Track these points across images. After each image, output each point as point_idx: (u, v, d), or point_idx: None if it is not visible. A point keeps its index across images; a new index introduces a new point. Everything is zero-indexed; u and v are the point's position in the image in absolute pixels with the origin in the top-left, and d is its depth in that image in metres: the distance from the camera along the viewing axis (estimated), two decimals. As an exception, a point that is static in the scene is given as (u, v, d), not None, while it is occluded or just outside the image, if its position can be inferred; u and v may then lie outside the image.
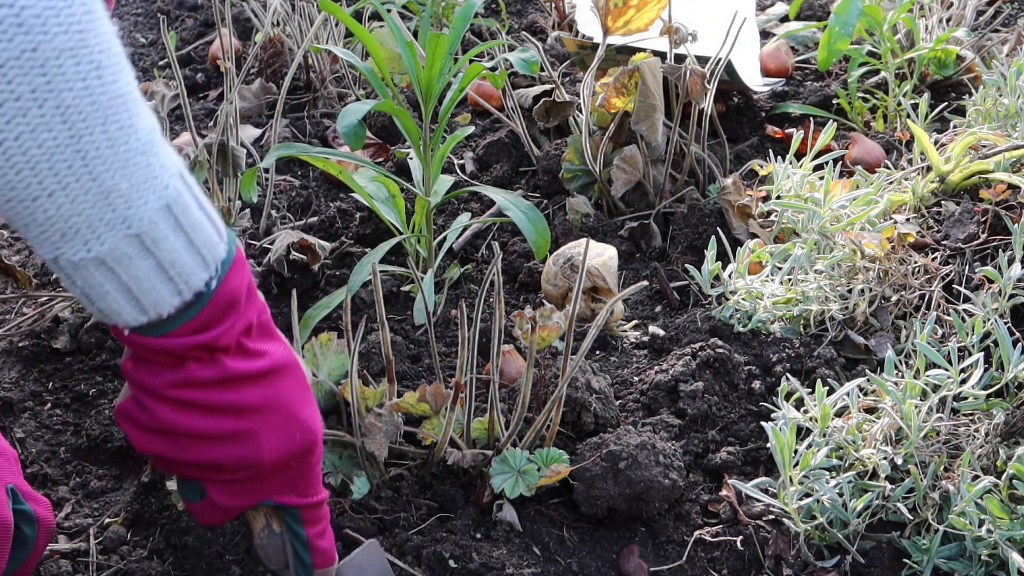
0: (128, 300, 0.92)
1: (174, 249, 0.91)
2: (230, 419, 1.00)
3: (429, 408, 1.35)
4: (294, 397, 1.04)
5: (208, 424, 1.00)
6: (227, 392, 0.99)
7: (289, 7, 2.39)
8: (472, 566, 1.29)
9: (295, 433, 1.04)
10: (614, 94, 1.92)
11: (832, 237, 1.68)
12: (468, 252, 1.94)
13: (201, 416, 0.99)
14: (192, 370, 0.97)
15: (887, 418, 1.37)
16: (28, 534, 1.19)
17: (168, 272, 0.92)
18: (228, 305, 0.97)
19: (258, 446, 1.02)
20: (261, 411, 1.02)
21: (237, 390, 1.00)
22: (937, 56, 2.25)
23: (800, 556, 1.34)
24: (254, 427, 1.01)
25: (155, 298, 0.92)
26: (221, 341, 0.97)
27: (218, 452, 1.02)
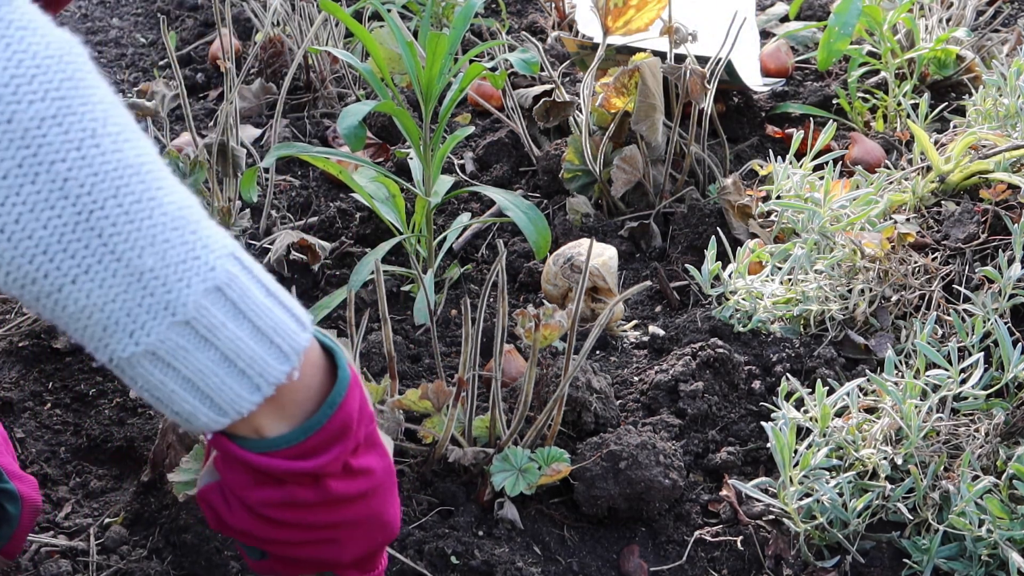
0: (198, 398, 0.83)
1: (236, 338, 0.82)
2: (323, 532, 0.94)
3: (431, 405, 1.35)
4: (385, 503, 0.97)
5: (299, 536, 0.93)
6: (326, 513, 0.92)
7: (289, 7, 2.39)
8: (474, 563, 1.29)
9: (378, 535, 0.98)
10: (614, 94, 1.92)
11: (832, 237, 1.68)
12: (468, 252, 1.94)
13: (293, 531, 0.93)
14: (294, 492, 0.90)
15: (887, 418, 1.37)
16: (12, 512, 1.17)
17: (236, 364, 0.83)
18: (341, 431, 0.89)
19: (341, 550, 0.97)
20: (354, 526, 0.95)
21: (335, 511, 0.93)
22: (937, 56, 2.25)
23: (800, 556, 1.34)
24: (343, 537, 0.96)
25: (229, 395, 0.84)
26: (329, 468, 0.89)
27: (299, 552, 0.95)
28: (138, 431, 1.55)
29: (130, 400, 1.61)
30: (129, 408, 1.60)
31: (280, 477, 0.89)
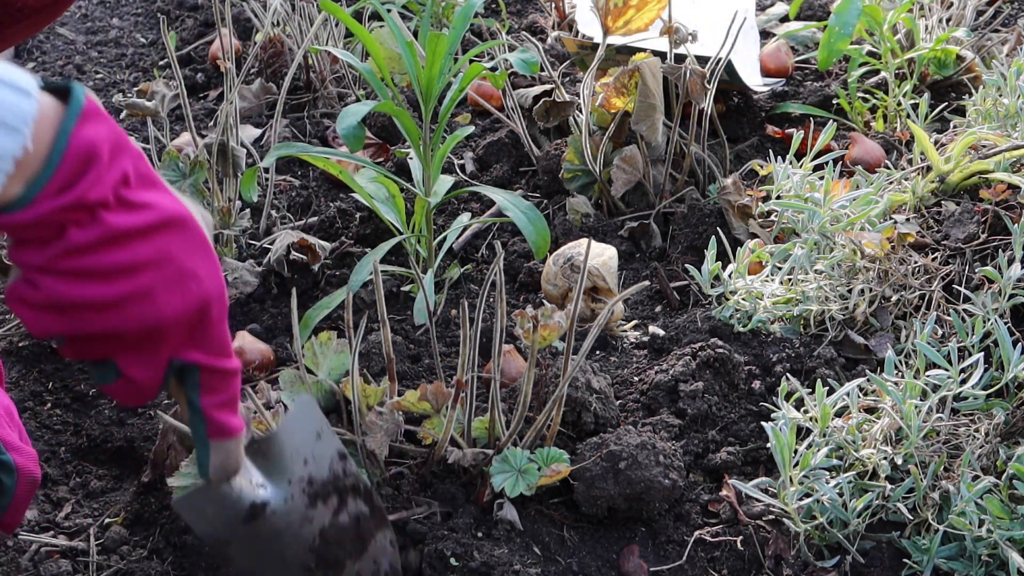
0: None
1: None
2: (123, 280, 0.96)
3: (430, 407, 1.35)
4: (186, 250, 0.99)
5: (102, 290, 0.95)
6: (115, 252, 0.95)
7: (289, 7, 2.39)
8: (473, 564, 1.29)
9: (191, 285, 0.99)
10: (614, 94, 1.92)
11: (832, 237, 1.68)
12: (468, 252, 1.94)
13: (94, 283, 0.95)
14: (74, 236, 0.93)
15: (887, 418, 1.37)
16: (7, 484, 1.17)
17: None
18: (87, 157, 0.91)
19: (155, 304, 0.97)
20: (153, 266, 0.97)
21: (125, 247, 0.95)
22: (937, 56, 2.25)
23: (800, 556, 1.34)
24: (149, 285, 0.97)
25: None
26: (91, 195, 0.92)
27: (117, 318, 0.97)
28: (138, 431, 1.55)
29: (130, 400, 1.61)
30: (129, 408, 1.60)
31: (54, 223, 0.92)
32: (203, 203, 1.78)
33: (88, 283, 0.95)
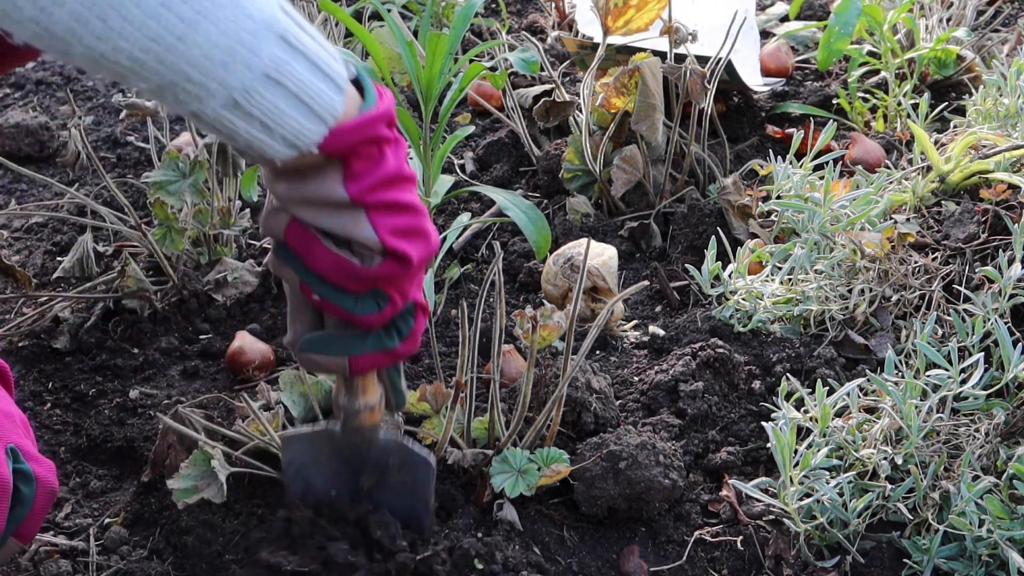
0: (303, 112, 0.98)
1: (313, 48, 0.97)
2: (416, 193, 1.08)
3: (429, 407, 1.35)
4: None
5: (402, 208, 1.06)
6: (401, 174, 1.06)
7: (289, 7, 2.39)
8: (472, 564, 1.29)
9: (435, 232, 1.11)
10: (614, 94, 1.92)
11: (832, 237, 1.68)
12: (468, 252, 1.94)
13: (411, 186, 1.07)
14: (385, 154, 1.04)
15: (887, 418, 1.37)
16: (26, 494, 1.18)
17: (321, 69, 0.98)
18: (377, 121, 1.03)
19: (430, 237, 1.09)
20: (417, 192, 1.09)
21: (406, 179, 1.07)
22: (937, 56, 2.25)
23: (800, 556, 1.34)
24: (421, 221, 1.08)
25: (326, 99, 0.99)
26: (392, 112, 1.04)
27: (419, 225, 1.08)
28: (138, 431, 1.55)
29: (130, 400, 1.61)
30: (129, 408, 1.60)
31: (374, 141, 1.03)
32: (203, 203, 1.78)
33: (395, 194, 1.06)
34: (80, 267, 1.84)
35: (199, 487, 1.35)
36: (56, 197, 2.11)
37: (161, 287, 1.81)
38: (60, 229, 2.05)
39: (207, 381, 1.66)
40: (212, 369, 1.70)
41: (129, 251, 1.87)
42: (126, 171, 2.21)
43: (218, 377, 1.68)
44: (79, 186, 2.15)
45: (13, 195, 2.16)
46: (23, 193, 2.17)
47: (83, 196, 1.87)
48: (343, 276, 1.06)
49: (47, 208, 2.07)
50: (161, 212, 1.73)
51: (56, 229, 2.05)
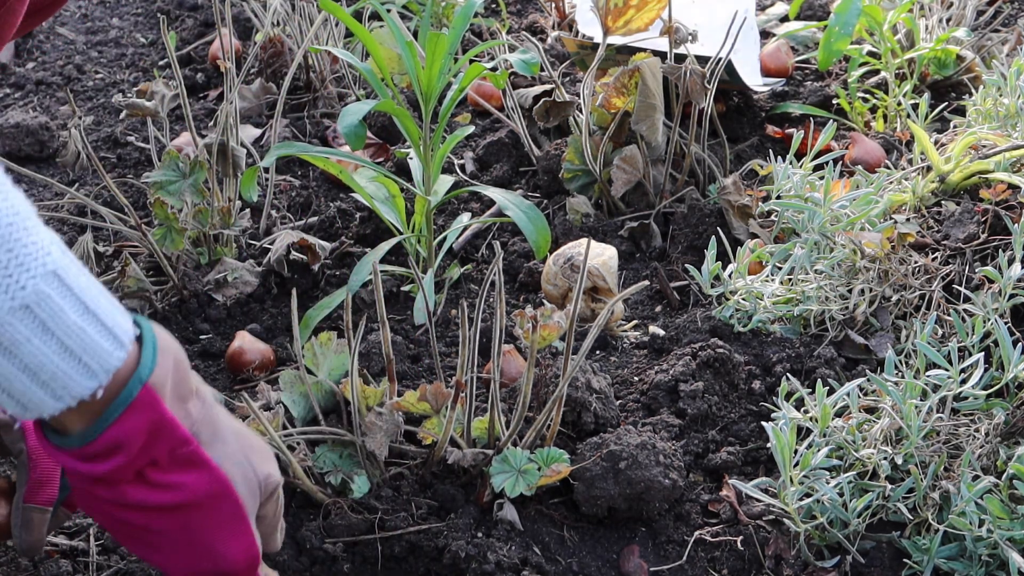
0: (14, 397, 0.89)
1: (40, 353, 0.86)
2: (143, 534, 1.00)
3: (429, 407, 1.35)
4: (210, 528, 1.00)
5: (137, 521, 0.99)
6: (134, 514, 0.98)
7: (289, 7, 2.39)
8: (473, 565, 1.29)
9: (204, 562, 1.01)
10: (614, 94, 1.92)
11: (832, 237, 1.68)
12: (468, 252, 1.94)
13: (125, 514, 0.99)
14: (91, 490, 0.97)
15: (887, 418, 1.37)
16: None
17: (39, 376, 0.88)
18: (113, 448, 0.93)
19: (165, 558, 1.02)
20: (166, 537, 0.99)
21: (143, 514, 0.98)
22: (937, 56, 2.25)
23: (800, 556, 1.34)
24: (160, 544, 1.00)
25: (33, 399, 0.89)
26: (114, 476, 0.94)
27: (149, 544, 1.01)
28: (138, 431, 1.55)
29: (130, 400, 1.61)
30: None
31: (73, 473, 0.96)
32: (203, 203, 1.78)
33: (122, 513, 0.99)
34: (80, 267, 1.83)
35: (199, 487, 1.35)
36: (56, 197, 2.11)
37: (161, 287, 1.81)
38: (60, 229, 2.05)
39: (207, 381, 1.66)
40: (212, 369, 1.70)
41: (129, 251, 1.87)
42: (126, 171, 2.21)
43: (218, 377, 1.68)
44: (79, 186, 2.15)
45: (13, 195, 2.16)
46: (23, 193, 2.17)
47: (83, 196, 1.87)
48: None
49: (47, 208, 2.07)
50: (161, 212, 1.73)
51: (56, 229, 2.05)
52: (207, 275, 1.82)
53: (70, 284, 0.88)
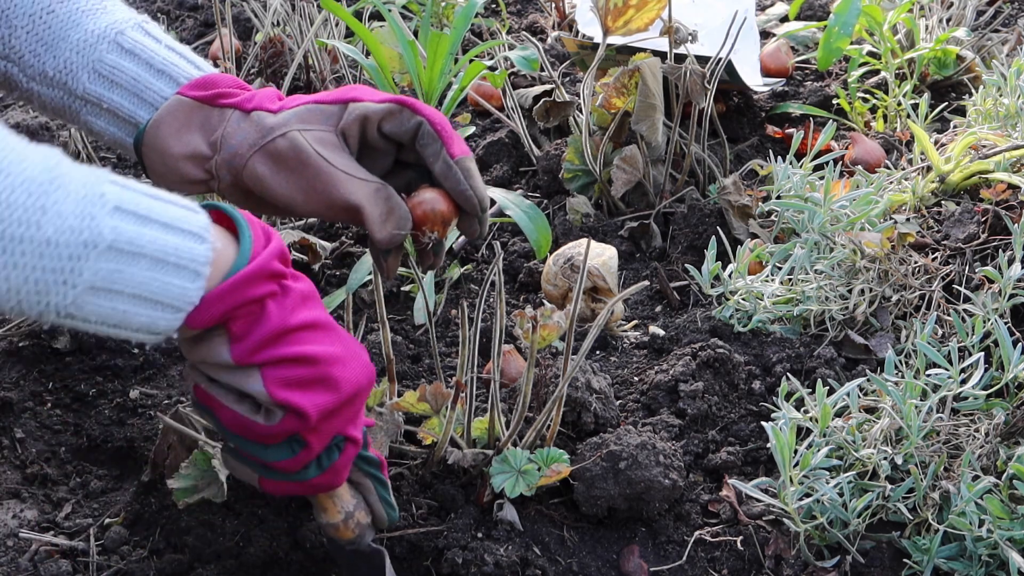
0: (148, 307, 0.93)
1: (155, 239, 0.91)
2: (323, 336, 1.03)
3: (429, 407, 1.35)
4: (352, 348, 1.07)
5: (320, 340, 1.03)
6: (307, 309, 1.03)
7: (289, 7, 2.39)
8: (473, 565, 1.29)
9: (364, 367, 1.06)
10: (614, 94, 1.92)
11: (832, 237, 1.68)
12: (468, 252, 1.94)
13: (310, 337, 1.02)
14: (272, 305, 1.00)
15: (887, 418, 1.37)
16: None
17: (168, 261, 0.92)
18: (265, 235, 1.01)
19: (358, 367, 1.05)
20: (334, 331, 1.05)
21: (307, 306, 1.03)
22: (937, 56, 2.25)
23: (800, 556, 1.34)
24: (347, 348, 1.05)
25: (176, 290, 0.94)
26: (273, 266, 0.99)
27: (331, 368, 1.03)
28: (138, 431, 1.55)
29: (130, 400, 1.61)
30: (129, 408, 1.60)
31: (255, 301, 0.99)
32: (203, 203, 1.78)
33: (307, 337, 1.02)
34: (80, 267, 1.84)
35: (199, 487, 1.35)
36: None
37: (161, 287, 1.81)
38: (60, 229, 2.05)
39: (207, 381, 1.66)
40: (212, 369, 1.70)
41: (129, 251, 1.87)
42: (126, 172, 2.21)
43: (218, 377, 1.68)
44: (79, 186, 2.15)
45: (13, 195, 2.16)
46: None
47: (83, 196, 1.87)
48: (246, 432, 1.04)
49: (47, 208, 2.07)
50: (161, 212, 1.73)
51: (56, 229, 2.05)
52: (207, 275, 1.82)
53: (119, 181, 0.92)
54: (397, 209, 1.11)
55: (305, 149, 1.10)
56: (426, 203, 1.12)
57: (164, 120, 1.13)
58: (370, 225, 1.10)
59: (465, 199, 1.12)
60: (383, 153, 1.16)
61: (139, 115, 1.14)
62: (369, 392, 1.08)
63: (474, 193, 1.12)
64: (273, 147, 1.11)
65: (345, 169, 1.11)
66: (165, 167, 1.14)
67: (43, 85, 1.15)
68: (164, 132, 1.13)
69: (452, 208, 1.13)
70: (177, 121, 1.13)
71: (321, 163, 1.10)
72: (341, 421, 1.06)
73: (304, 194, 1.11)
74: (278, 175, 1.11)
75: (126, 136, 1.16)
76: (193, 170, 1.14)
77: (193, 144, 1.13)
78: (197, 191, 1.17)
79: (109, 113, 1.15)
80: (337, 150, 1.12)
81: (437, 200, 1.12)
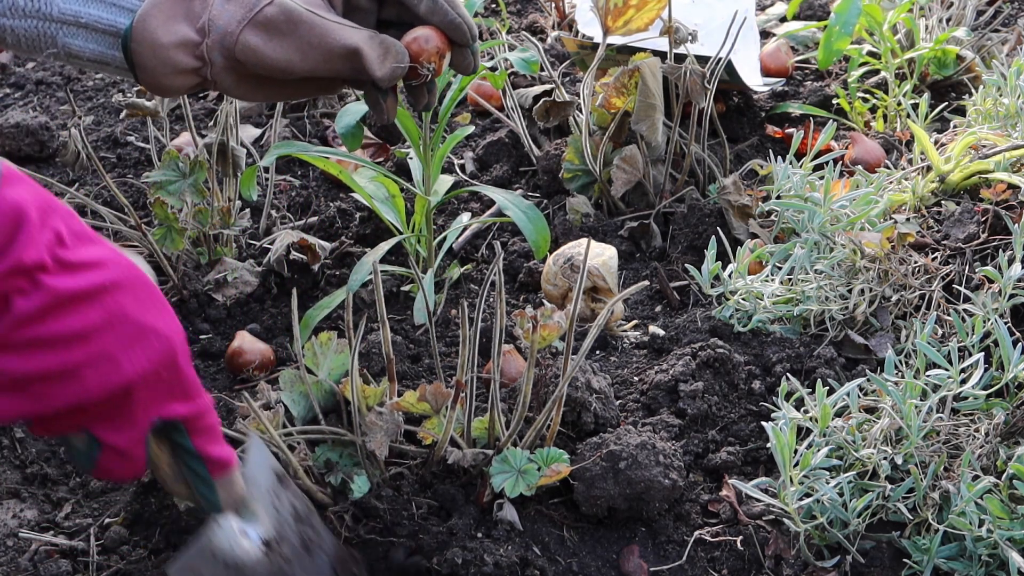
0: None
1: None
2: (80, 346, 0.95)
3: (429, 407, 1.35)
4: (139, 304, 0.98)
5: (57, 359, 0.94)
6: (65, 317, 0.94)
7: (289, 7, 2.39)
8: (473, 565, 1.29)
9: (154, 342, 0.99)
10: (614, 94, 1.92)
11: (832, 237, 1.68)
12: (468, 252, 1.94)
13: (47, 353, 0.94)
14: (19, 305, 0.92)
15: (887, 418, 1.37)
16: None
17: None
18: (15, 219, 0.90)
19: (118, 366, 0.97)
20: (108, 327, 0.96)
21: (75, 311, 0.94)
22: (937, 56, 2.25)
23: (800, 556, 1.34)
24: (107, 347, 0.96)
25: None
26: (27, 257, 0.91)
27: (81, 386, 0.96)
28: (138, 431, 1.55)
29: (130, 400, 1.61)
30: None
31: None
32: (203, 203, 1.78)
33: (44, 353, 0.94)
34: (80, 267, 1.84)
35: (199, 487, 1.35)
36: (56, 197, 2.11)
37: (161, 287, 1.81)
38: (60, 229, 2.05)
39: (207, 381, 1.66)
40: (212, 369, 1.70)
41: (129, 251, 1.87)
42: (126, 171, 2.21)
43: (218, 377, 1.68)
44: (79, 186, 2.15)
45: (13, 195, 2.16)
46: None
47: (83, 196, 1.87)
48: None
49: (47, 208, 2.07)
50: (161, 212, 1.73)
51: (56, 229, 2.05)
52: (207, 275, 1.82)
53: None
54: (393, 46, 1.15)
55: (295, 10, 1.14)
56: (420, 38, 1.17)
57: (150, 14, 1.14)
58: (369, 64, 1.14)
59: (455, 28, 1.16)
60: (367, 12, 1.20)
61: (119, 22, 1.15)
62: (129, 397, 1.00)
63: (463, 21, 1.17)
64: (263, 16, 1.14)
65: (336, 20, 1.15)
66: (156, 59, 1.15)
67: (15, 18, 1.15)
68: (152, 25, 1.14)
69: (444, 41, 1.19)
70: (162, 13, 1.14)
71: (314, 18, 1.14)
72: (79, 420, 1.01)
73: (301, 53, 1.14)
74: (271, 42, 1.14)
75: (108, 48, 1.17)
76: (185, 58, 1.15)
77: (181, 32, 1.14)
78: (190, 81, 1.18)
79: (88, 29, 1.16)
80: (324, 7, 1.16)
81: (430, 35, 1.18)
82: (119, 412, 1.01)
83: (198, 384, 1.06)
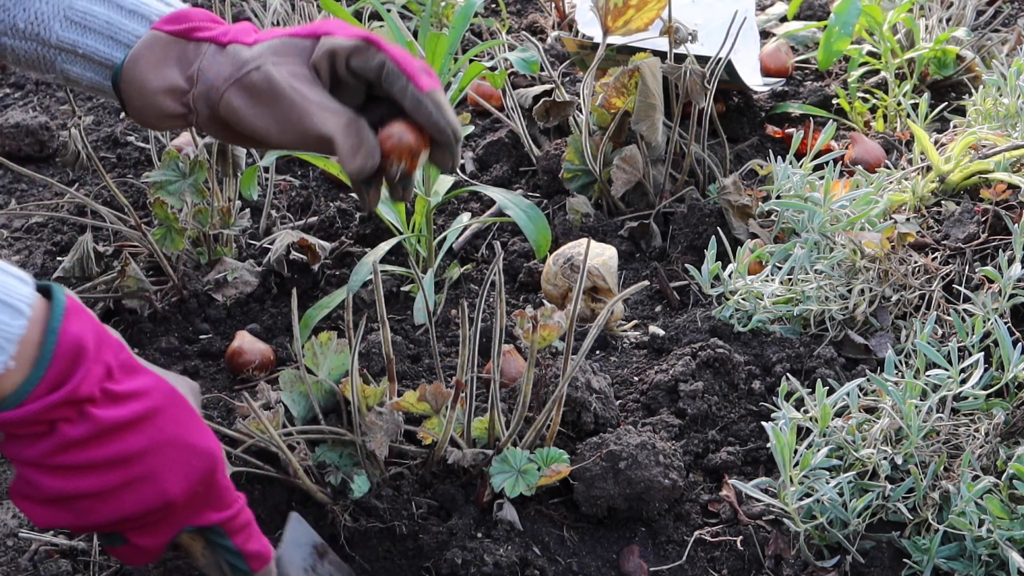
0: None
1: None
2: (120, 470, 0.99)
3: (429, 407, 1.35)
4: (180, 426, 1.02)
5: (100, 481, 0.99)
6: (107, 444, 0.98)
7: (289, 7, 2.39)
8: (473, 565, 1.29)
9: (193, 461, 1.03)
10: (614, 94, 1.92)
11: (832, 237, 1.68)
12: (468, 252, 1.94)
13: (90, 475, 0.98)
14: (65, 432, 0.96)
15: (887, 418, 1.37)
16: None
17: None
18: (75, 354, 0.95)
19: (160, 486, 1.02)
20: (151, 453, 1.00)
21: (118, 439, 0.98)
22: (937, 56, 2.25)
23: (800, 556, 1.34)
24: (150, 469, 1.00)
25: None
26: (81, 391, 0.95)
27: (121, 505, 1.01)
28: (138, 431, 1.55)
29: (130, 400, 1.61)
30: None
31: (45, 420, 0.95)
32: (203, 203, 1.78)
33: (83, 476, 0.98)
34: (80, 267, 1.84)
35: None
36: (56, 197, 2.11)
37: (161, 287, 1.81)
38: (60, 229, 2.05)
39: (207, 381, 1.66)
40: (212, 369, 1.70)
41: (129, 251, 1.87)
42: (126, 171, 2.21)
43: (218, 377, 1.68)
44: (79, 186, 2.15)
45: (13, 195, 2.16)
46: (23, 193, 2.17)
47: (83, 196, 1.87)
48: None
49: (47, 208, 2.07)
50: (161, 212, 1.73)
51: (56, 229, 2.05)
52: (207, 275, 1.82)
53: None
54: (366, 141, 1.11)
55: (278, 82, 1.10)
56: (394, 136, 1.13)
57: (141, 55, 1.13)
58: (342, 156, 1.10)
59: (438, 131, 1.13)
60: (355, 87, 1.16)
61: (115, 56, 1.14)
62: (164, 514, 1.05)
63: (447, 124, 1.12)
64: (248, 80, 1.11)
65: (317, 101, 1.10)
66: (144, 102, 1.14)
67: (15, 39, 1.15)
68: (142, 67, 1.13)
69: (420, 140, 1.14)
70: (154, 56, 1.13)
71: (294, 96, 1.09)
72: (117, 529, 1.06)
73: (279, 125, 1.11)
74: (253, 108, 1.11)
75: (103, 79, 1.17)
76: (171, 104, 1.14)
77: (171, 78, 1.13)
78: (176, 125, 1.17)
79: (84, 58, 1.15)
80: (309, 83, 1.11)
81: (404, 133, 1.13)
82: (155, 523, 1.05)
83: (232, 490, 1.10)
